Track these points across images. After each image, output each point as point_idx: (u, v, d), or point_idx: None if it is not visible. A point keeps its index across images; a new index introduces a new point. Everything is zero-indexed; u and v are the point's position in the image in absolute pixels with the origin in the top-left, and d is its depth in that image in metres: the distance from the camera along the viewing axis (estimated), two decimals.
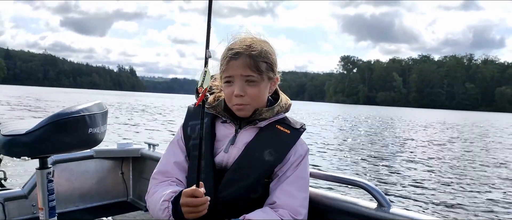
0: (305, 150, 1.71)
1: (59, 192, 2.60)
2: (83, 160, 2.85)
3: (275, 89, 1.79)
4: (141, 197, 3.00)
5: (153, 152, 2.93)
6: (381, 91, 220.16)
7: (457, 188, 8.80)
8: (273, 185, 1.64)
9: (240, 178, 1.59)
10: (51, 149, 1.74)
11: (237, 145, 1.66)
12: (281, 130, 1.69)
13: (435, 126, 36.23)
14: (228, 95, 1.66)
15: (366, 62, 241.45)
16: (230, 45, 1.68)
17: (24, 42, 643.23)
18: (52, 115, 1.69)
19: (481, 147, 18.22)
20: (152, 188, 1.70)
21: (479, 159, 13.89)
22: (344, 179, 1.84)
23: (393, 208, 1.64)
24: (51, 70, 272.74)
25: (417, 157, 13.48)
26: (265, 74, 1.65)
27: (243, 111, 1.66)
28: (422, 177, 9.92)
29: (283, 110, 1.76)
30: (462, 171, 11.18)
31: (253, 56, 1.61)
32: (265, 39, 1.71)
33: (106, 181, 2.99)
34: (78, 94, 79.27)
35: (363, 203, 1.73)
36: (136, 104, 49.00)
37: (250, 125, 1.69)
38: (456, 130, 31.44)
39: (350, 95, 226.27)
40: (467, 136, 24.87)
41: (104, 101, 1.97)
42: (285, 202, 1.58)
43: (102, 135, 1.90)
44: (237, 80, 1.62)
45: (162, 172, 1.72)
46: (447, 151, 16.06)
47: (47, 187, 1.83)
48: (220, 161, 1.65)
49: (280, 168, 1.65)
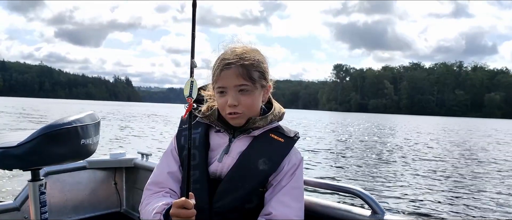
0: (299, 158, 1.70)
1: (51, 204, 2.57)
2: (76, 171, 2.81)
3: (268, 98, 1.78)
4: (135, 208, 2.97)
5: (146, 162, 2.91)
6: (373, 98, 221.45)
7: (450, 194, 8.82)
8: (268, 195, 1.62)
9: (235, 188, 1.58)
10: (43, 160, 1.72)
11: (231, 154, 1.65)
12: (275, 139, 1.69)
13: (425, 132, 36.42)
14: (221, 105, 1.66)
15: (358, 70, 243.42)
16: (221, 55, 1.67)
17: (18, 53, 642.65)
18: (44, 127, 1.67)
19: (472, 152, 18.31)
20: (146, 199, 1.69)
21: (472, 165, 13.95)
22: (338, 186, 1.84)
23: (387, 215, 1.65)
24: (47, 81, 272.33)
25: (411, 164, 13.50)
26: (258, 83, 1.65)
27: (237, 120, 1.65)
28: (416, 183, 9.95)
29: (277, 118, 1.75)
30: (455, 177, 11.21)
31: (245, 66, 1.60)
32: (256, 47, 1.71)
33: (99, 191, 2.95)
34: (75, 105, 78.90)
35: (357, 210, 1.73)
36: (133, 114, 48.93)
37: (244, 134, 1.68)
38: (446, 136, 31.62)
39: (342, 103, 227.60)
40: (458, 142, 25.01)
41: (96, 112, 1.95)
42: (281, 212, 1.56)
43: (94, 146, 1.88)
44: (230, 90, 1.62)
45: (155, 183, 1.71)
46: (439, 157, 16.11)
47: (39, 199, 1.82)
48: (214, 171, 1.64)
49: (275, 177, 1.64)
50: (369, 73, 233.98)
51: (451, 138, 28.89)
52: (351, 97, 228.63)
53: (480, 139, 28.95)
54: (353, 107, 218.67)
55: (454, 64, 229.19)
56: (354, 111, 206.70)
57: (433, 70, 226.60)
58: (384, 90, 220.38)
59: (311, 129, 33.53)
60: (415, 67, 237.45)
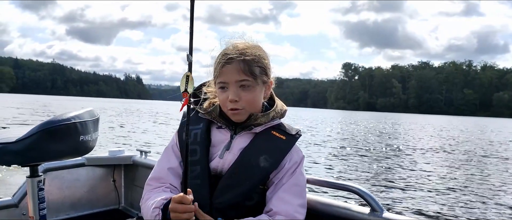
0: (301, 156, 1.71)
1: (50, 200, 2.57)
2: (75, 167, 2.80)
3: (271, 95, 1.79)
4: (133, 205, 2.97)
5: (145, 159, 2.89)
6: (381, 97, 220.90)
7: (451, 193, 8.78)
8: (270, 193, 1.63)
9: (235, 184, 1.58)
10: (42, 156, 1.71)
11: (233, 151, 1.65)
12: (277, 136, 1.68)
13: (430, 131, 36.31)
14: (222, 101, 1.66)
15: (367, 69, 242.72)
16: (223, 50, 1.68)
17: (31, 51, 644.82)
18: (43, 122, 1.66)
19: (474, 152, 18.17)
20: (146, 194, 1.70)
21: (473, 164, 13.86)
22: (337, 184, 1.85)
23: (385, 213, 1.66)
24: (59, 79, 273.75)
25: (413, 163, 13.45)
26: (259, 79, 1.65)
27: (238, 115, 1.65)
28: (416, 182, 9.91)
29: (279, 115, 1.75)
30: (456, 176, 11.17)
31: (247, 61, 1.61)
32: (258, 44, 1.71)
33: (97, 189, 2.94)
34: (86, 102, 79.35)
35: (356, 208, 1.74)
36: (145, 111, 49.24)
37: (245, 130, 1.68)
38: (451, 135, 31.45)
39: (350, 102, 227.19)
40: (462, 141, 24.89)
41: (95, 109, 1.94)
42: (281, 208, 1.57)
43: (93, 142, 1.87)
44: (232, 85, 1.62)
45: (156, 178, 1.72)
46: (442, 156, 16.06)
47: (37, 195, 1.81)
48: (216, 167, 1.64)
49: (276, 175, 1.64)
50: (378, 72, 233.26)
51: (457, 136, 28.79)
52: (359, 96, 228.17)
53: (485, 138, 28.87)
54: (361, 106, 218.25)
55: (463, 63, 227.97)
56: (362, 110, 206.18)
57: (442, 69, 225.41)
58: (393, 89, 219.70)
59: (313, 127, 33.44)
60: (424, 66, 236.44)
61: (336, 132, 28.52)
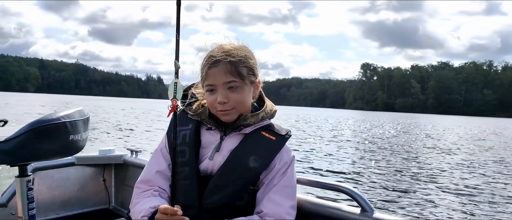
0: (291, 157, 1.70)
1: (39, 200, 2.57)
2: (64, 167, 2.80)
3: (260, 95, 1.78)
4: (123, 204, 2.96)
5: (136, 159, 2.89)
6: (400, 98, 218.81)
7: (442, 194, 8.72)
8: (260, 194, 1.62)
9: (225, 185, 1.58)
10: (31, 156, 1.72)
11: (222, 152, 1.64)
12: (266, 137, 1.68)
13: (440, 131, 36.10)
14: (211, 103, 1.65)
15: (386, 69, 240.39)
16: (209, 53, 1.67)
17: (54, 51, 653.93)
18: (32, 122, 1.67)
19: (476, 154, 17.93)
20: (135, 198, 1.69)
21: (471, 166, 13.74)
22: (328, 184, 1.84)
23: (376, 213, 1.66)
24: (82, 79, 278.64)
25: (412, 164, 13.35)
26: (247, 79, 1.64)
27: (228, 116, 1.65)
28: (409, 183, 9.87)
29: (268, 116, 1.74)
30: (456, 176, 11.15)
31: (233, 62, 1.61)
32: (244, 44, 1.71)
33: (87, 188, 2.94)
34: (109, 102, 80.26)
35: (347, 208, 1.74)
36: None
37: (235, 131, 1.67)
38: (455, 136, 31.16)
39: (368, 102, 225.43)
40: (462, 141, 24.78)
41: (85, 108, 1.94)
42: (271, 210, 1.58)
43: (83, 142, 1.88)
44: (220, 87, 1.61)
45: (144, 181, 1.71)
46: (442, 156, 16.00)
47: (26, 195, 1.81)
48: (205, 168, 1.63)
49: (266, 175, 1.63)
50: (397, 72, 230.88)
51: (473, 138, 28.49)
52: (377, 97, 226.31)
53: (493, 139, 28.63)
54: (380, 107, 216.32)
55: (484, 64, 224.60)
56: (380, 110, 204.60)
57: (462, 70, 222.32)
58: (411, 90, 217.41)
59: (314, 127, 33.27)
60: (444, 66, 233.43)
61: (336, 132, 28.33)
